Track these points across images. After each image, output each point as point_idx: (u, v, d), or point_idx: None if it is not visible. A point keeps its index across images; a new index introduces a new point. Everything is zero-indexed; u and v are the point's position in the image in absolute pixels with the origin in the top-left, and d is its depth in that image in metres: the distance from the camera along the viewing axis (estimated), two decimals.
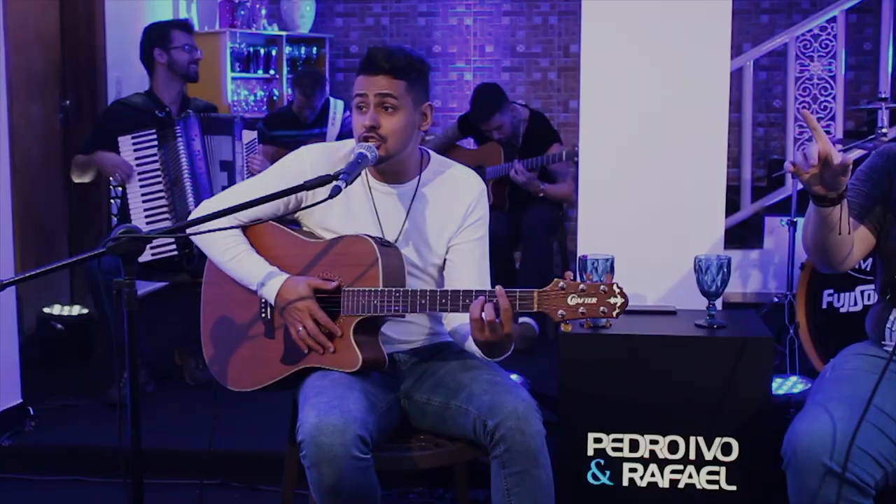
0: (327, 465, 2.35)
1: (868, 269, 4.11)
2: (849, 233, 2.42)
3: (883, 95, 4.74)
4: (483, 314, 2.40)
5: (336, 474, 2.36)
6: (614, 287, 2.34)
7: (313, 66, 7.77)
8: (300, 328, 2.59)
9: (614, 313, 2.34)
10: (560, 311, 2.36)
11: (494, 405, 2.52)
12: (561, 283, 2.36)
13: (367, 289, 2.54)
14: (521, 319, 4.83)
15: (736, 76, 6.23)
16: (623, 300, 2.33)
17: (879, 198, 2.56)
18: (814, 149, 2.24)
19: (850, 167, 2.26)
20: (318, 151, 2.76)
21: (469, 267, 2.75)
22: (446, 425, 2.69)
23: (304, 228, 2.78)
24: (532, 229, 5.30)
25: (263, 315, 2.71)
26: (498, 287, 2.42)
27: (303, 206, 2.72)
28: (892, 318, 2.54)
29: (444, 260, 2.77)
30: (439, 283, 2.80)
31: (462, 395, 2.63)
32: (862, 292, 4.18)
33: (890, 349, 2.53)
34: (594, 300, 2.34)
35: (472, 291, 2.46)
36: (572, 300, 2.35)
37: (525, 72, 7.99)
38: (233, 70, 7.16)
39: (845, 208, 2.37)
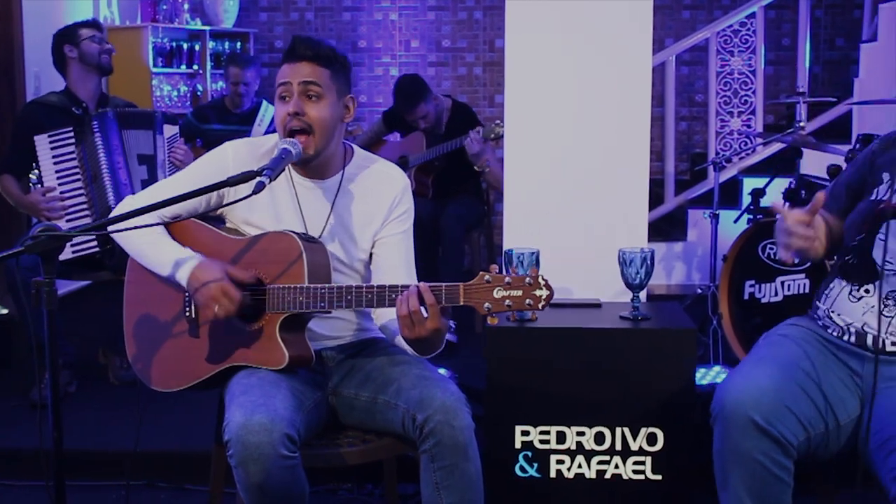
0: (254, 463, 2.34)
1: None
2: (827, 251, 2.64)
3: (801, 90, 4.82)
4: (409, 309, 2.40)
5: (263, 473, 2.34)
6: (539, 279, 2.35)
7: None
8: (215, 307, 2.54)
9: (540, 305, 2.35)
10: (486, 305, 2.36)
11: (423, 399, 2.52)
12: (486, 277, 2.37)
13: (291, 286, 2.53)
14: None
15: (658, 71, 6.32)
16: (548, 292, 2.35)
17: (854, 185, 2.68)
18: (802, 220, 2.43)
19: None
20: (241, 146, 2.74)
21: (395, 261, 2.75)
22: (375, 420, 2.68)
23: (228, 225, 2.75)
24: (449, 220, 5.31)
25: (188, 314, 2.67)
26: (422, 283, 2.42)
27: (225, 202, 2.69)
28: (832, 284, 2.62)
29: (371, 255, 2.77)
30: (366, 278, 2.80)
31: (391, 390, 2.63)
32: (782, 283, 4.26)
33: (821, 311, 2.62)
34: (520, 293, 2.35)
35: (398, 286, 2.46)
36: (498, 293, 2.36)
37: (451, 67, 8.00)
38: (155, 65, 7.06)
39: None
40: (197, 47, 7.55)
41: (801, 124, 4.64)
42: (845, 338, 2.53)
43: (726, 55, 6.50)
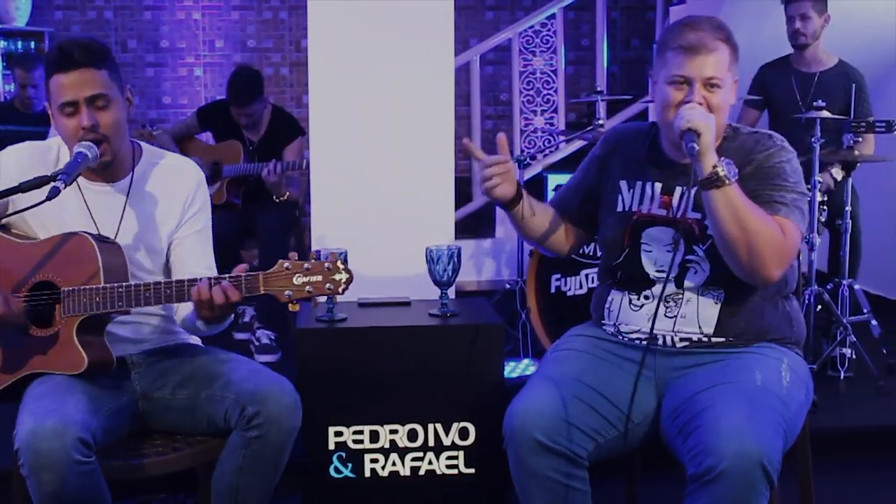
0: (47, 471, 2.27)
1: (591, 253, 4.32)
2: (533, 215, 2.75)
3: (600, 88, 4.99)
4: (210, 298, 2.37)
5: (57, 480, 2.27)
6: (338, 263, 2.35)
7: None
8: None
9: (340, 289, 2.35)
10: (287, 292, 2.35)
11: (258, 392, 2.52)
12: (286, 265, 2.35)
13: (87, 287, 2.45)
14: None
15: (463, 70, 6.42)
16: (348, 275, 2.35)
17: (585, 189, 2.80)
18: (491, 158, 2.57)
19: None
20: (22, 151, 2.65)
21: (195, 259, 2.71)
22: (194, 418, 2.64)
23: (13, 231, 2.64)
24: (267, 227, 5.22)
25: None
26: (221, 276, 2.40)
27: (10, 211, 2.57)
28: (610, 298, 2.69)
29: (169, 256, 2.72)
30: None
31: (217, 384, 2.60)
32: (587, 276, 4.39)
33: (609, 328, 2.68)
34: (319, 278, 2.34)
35: (196, 280, 2.41)
36: (298, 280, 2.35)
37: (257, 67, 7.89)
38: None
39: (525, 198, 2.69)
40: None
41: (601, 122, 4.80)
42: (636, 341, 2.63)
43: (529, 55, 6.66)
